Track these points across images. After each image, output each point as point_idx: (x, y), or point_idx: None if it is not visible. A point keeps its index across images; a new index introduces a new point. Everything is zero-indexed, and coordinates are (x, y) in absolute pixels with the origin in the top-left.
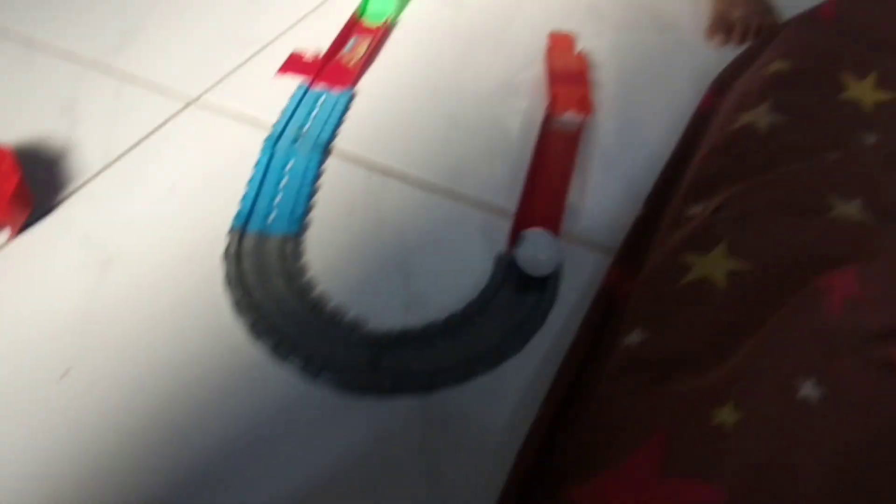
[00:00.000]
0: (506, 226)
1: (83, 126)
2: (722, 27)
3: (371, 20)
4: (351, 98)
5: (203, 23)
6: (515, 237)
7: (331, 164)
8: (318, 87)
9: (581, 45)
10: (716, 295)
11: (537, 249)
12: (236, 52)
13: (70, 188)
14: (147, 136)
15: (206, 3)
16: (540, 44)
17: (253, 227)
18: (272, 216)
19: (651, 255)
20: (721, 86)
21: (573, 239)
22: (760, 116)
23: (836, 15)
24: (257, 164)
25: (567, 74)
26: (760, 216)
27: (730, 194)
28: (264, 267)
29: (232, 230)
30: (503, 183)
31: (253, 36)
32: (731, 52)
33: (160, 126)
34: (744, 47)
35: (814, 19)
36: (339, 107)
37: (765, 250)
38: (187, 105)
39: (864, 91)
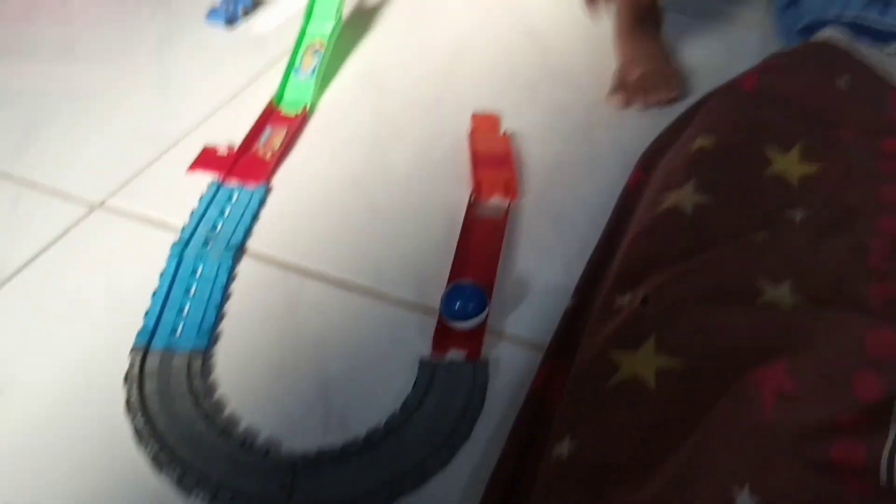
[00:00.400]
0: (430, 325)
1: None
2: (621, 87)
3: (288, 108)
4: (266, 193)
5: (110, 121)
6: (439, 339)
7: (245, 266)
8: (232, 183)
9: (505, 125)
10: (646, 396)
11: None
12: (146, 150)
13: None
14: (46, 248)
15: (112, 99)
16: (464, 125)
17: (158, 343)
18: (179, 329)
19: (580, 350)
20: (647, 163)
21: (501, 336)
22: (685, 197)
23: (758, 86)
24: (163, 273)
25: (491, 157)
26: (688, 307)
27: (657, 283)
28: (169, 388)
29: (135, 349)
30: (427, 278)
31: (163, 132)
32: (654, 127)
33: (61, 235)
34: (650, 111)
35: (735, 90)
36: (254, 203)
37: (693, 345)
38: (91, 210)
39: (789, 164)
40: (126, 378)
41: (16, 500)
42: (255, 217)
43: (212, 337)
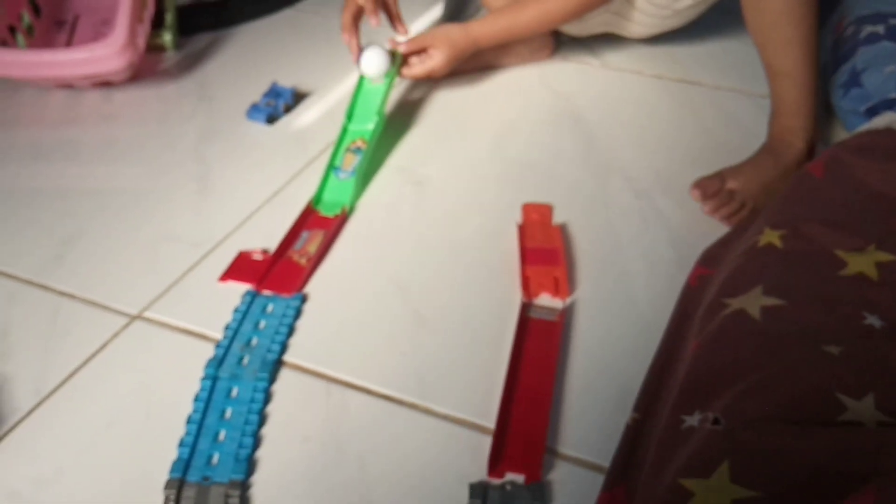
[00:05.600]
0: (485, 444)
1: (14, 358)
2: (717, 188)
3: (326, 210)
4: (302, 302)
5: (149, 223)
6: (495, 460)
7: (283, 381)
8: (266, 293)
9: (556, 217)
10: None
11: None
12: (184, 255)
13: None
14: (84, 364)
15: (152, 200)
16: (513, 220)
17: (193, 476)
18: (215, 458)
19: (646, 476)
20: (710, 257)
21: (561, 455)
22: (753, 300)
23: (827, 173)
24: (197, 397)
25: (541, 252)
26: (763, 428)
27: (726, 402)
28: None
29: (169, 483)
30: (479, 391)
31: (201, 236)
32: (712, 221)
33: (99, 350)
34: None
35: (805, 178)
36: (289, 315)
37: (770, 473)
38: (129, 323)
39: (866, 262)
40: None
41: None
42: (290, 329)
43: (249, 465)
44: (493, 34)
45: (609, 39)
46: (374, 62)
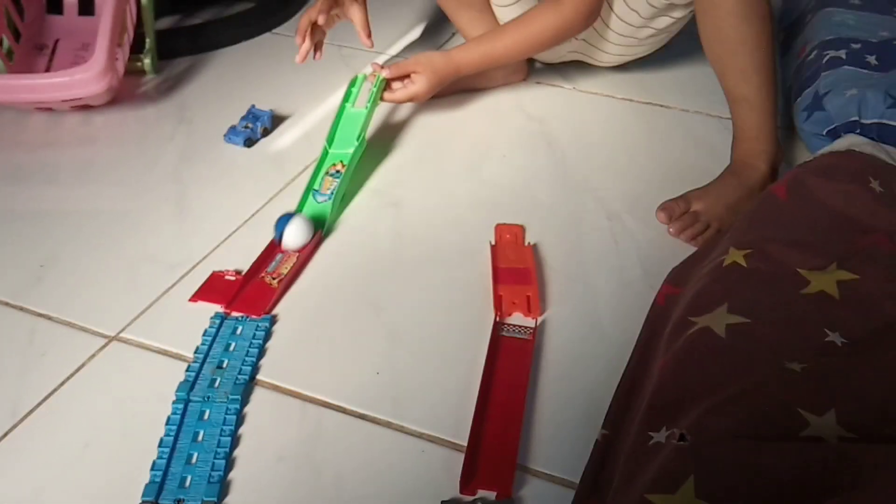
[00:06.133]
0: (457, 461)
1: None
2: (682, 213)
3: None
4: (272, 323)
5: (127, 245)
6: (467, 478)
7: (258, 401)
8: (236, 314)
9: (528, 237)
10: None
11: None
12: (161, 276)
13: None
14: (60, 385)
15: (130, 221)
16: (486, 240)
17: (166, 499)
18: (188, 481)
19: (614, 492)
20: (678, 277)
21: (531, 472)
22: (718, 319)
23: (790, 195)
24: (168, 420)
25: (513, 272)
26: (727, 444)
27: (693, 418)
28: None
29: None
30: (452, 409)
31: (178, 257)
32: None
33: (76, 371)
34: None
35: (769, 199)
36: (259, 336)
37: (734, 488)
38: (106, 343)
39: (828, 281)
40: None
41: None
42: (261, 351)
43: (222, 487)
44: (474, 61)
45: (580, 65)
46: (295, 235)
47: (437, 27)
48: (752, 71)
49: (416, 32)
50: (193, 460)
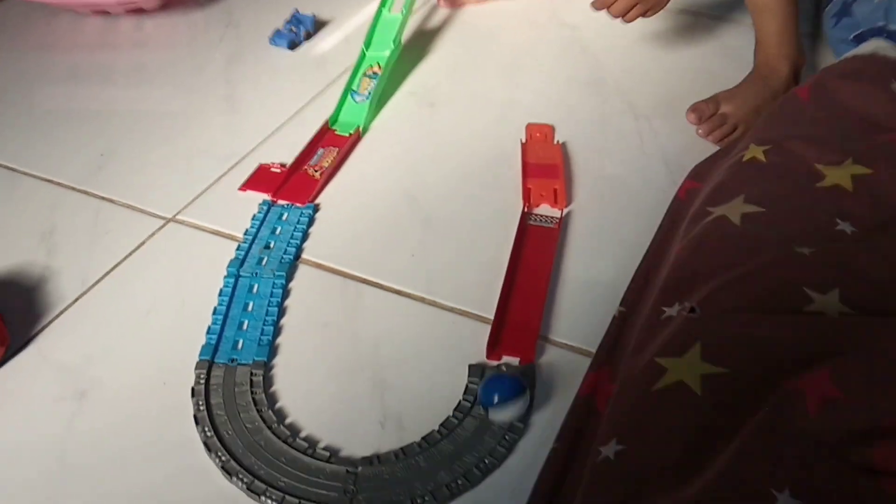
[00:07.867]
0: (484, 332)
1: (61, 253)
2: (711, 115)
3: (341, 129)
4: (315, 211)
5: (180, 139)
6: (493, 346)
7: (301, 278)
8: (282, 202)
9: (558, 136)
10: (691, 401)
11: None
12: (213, 167)
13: (47, 318)
14: (124, 259)
15: (182, 119)
16: (518, 138)
17: (221, 358)
18: (240, 344)
19: (628, 357)
20: (699, 172)
21: (552, 343)
22: (734, 208)
23: (813, 95)
24: (221, 292)
25: (542, 167)
26: (734, 316)
27: (704, 294)
28: (233, 399)
29: (199, 364)
30: (481, 286)
31: (228, 150)
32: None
33: (136, 248)
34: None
35: (792, 100)
36: (303, 222)
37: (738, 353)
38: (164, 224)
39: (842, 175)
40: (193, 393)
41: (94, 498)
42: (305, 235)
43: (271, 349)
44: None
45: None
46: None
47: None
48: None
49: None
50: (244, 326)
